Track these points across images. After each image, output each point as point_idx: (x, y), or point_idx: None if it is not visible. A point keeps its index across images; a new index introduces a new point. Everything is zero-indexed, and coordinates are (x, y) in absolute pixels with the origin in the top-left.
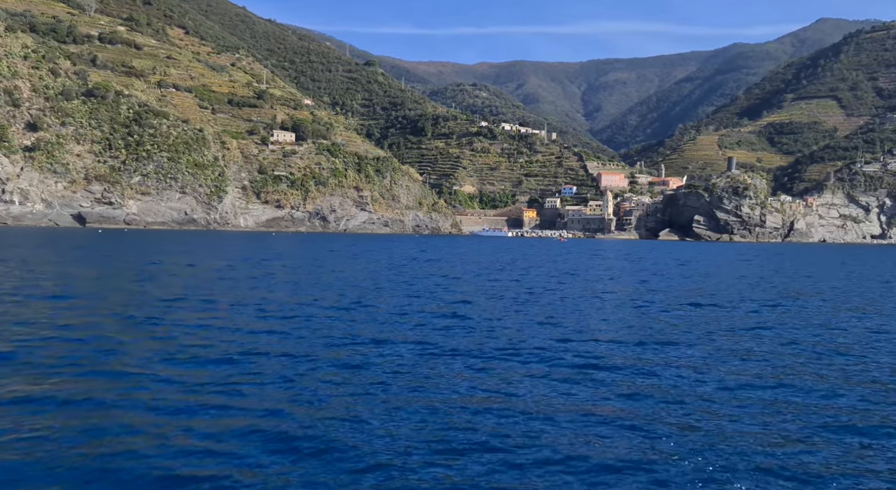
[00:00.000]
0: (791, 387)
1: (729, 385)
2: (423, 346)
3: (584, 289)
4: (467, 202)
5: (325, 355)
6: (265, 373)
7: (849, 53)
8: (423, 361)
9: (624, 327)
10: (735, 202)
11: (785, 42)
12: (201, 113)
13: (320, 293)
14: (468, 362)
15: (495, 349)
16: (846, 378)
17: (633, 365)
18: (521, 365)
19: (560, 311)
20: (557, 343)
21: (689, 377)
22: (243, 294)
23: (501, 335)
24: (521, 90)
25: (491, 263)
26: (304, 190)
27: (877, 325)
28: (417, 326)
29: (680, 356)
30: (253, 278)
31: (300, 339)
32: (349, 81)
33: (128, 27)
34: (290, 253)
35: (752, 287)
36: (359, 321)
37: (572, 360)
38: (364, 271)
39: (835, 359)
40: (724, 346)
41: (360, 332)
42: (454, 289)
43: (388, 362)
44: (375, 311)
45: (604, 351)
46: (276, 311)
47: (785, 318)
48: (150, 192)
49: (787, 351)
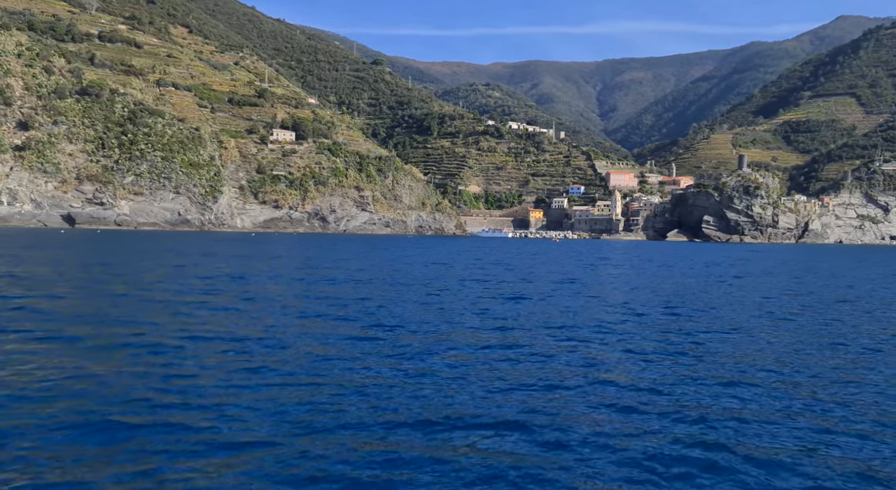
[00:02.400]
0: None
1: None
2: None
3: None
4: (472, 202)
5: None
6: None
7: (868, 50)
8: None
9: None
10: (746, 202)
11: (804, 40)
12: (200, 112)
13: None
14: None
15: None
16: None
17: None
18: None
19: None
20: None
21: None
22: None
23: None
24: (535, 90)
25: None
26: (303, 190)
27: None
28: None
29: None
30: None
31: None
32: (356, 81)
33: (129, 26)
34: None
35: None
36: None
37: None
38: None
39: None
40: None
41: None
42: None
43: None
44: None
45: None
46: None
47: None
48: (142, 193)
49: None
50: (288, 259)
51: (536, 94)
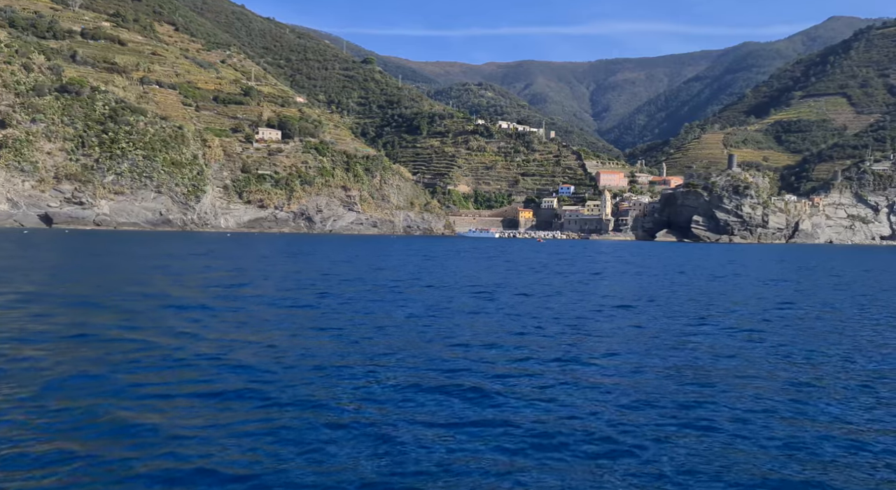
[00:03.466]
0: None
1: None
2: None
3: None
4: (462, 202)
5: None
6: None
7: (859, 50)
8: None
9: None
10: (736, 201)
11: (796, 40)
12: (184, 110)
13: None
14: None
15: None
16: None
17: None
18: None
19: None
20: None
21: None
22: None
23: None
24: (528, 90)
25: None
26: (288, 189)
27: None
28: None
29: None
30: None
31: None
32: (346, 79)
33: (113, 23)
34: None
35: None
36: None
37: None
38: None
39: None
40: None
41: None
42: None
43: None
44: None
45: None
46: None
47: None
48: (123, 192)
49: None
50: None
51: (530, 95)
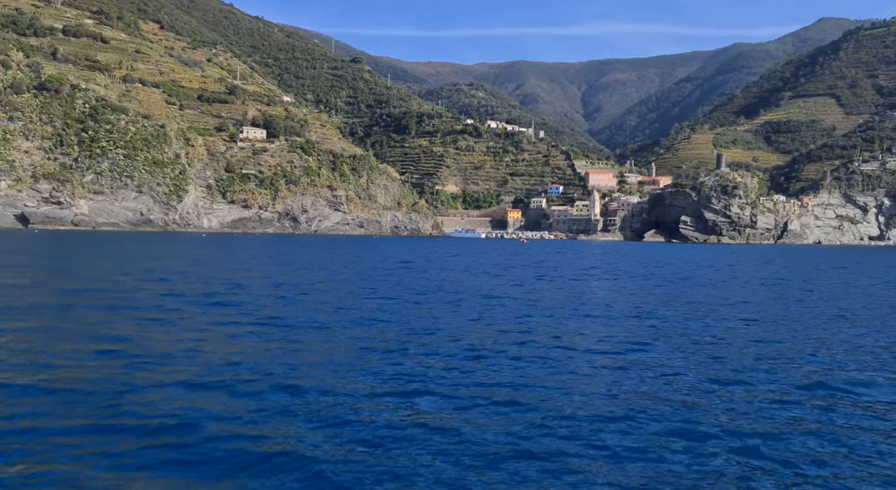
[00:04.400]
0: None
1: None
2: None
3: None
4: (450, 202)
5: None
6: None
7: (848, 51)
8: None
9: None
10: (724, 202)
11: (786, 42)
12: (167, 109)
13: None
14: None
15: None
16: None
17: None
18: None
19: None
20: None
21: None
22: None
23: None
24: (520, 90)
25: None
26: (273, 189)
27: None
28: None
29: None
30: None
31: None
32: (334, 79)
33: (96, 20)
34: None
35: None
36: None
37: None
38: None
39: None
40: None
41: None
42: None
43: None
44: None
45: None
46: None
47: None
48: (103, 191)
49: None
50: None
51: (521, 95)
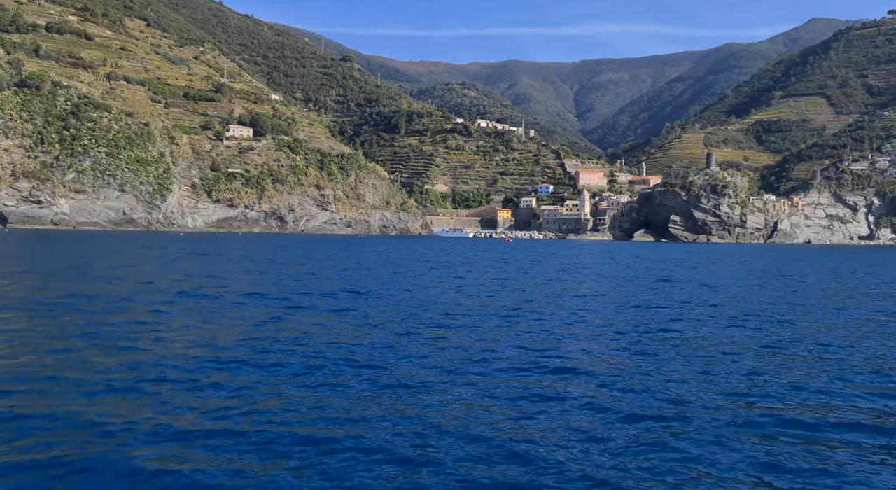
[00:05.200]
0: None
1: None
2: None
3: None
4: (439, 202)
5: None
6: None
7: (838, 50)
8: None
9: None
10: (714, 201)
11: (777, 42)
12: (152, 107)
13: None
14: None
15: None
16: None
17: None
18: None
19: None
20: None
21: None
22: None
23: None
24: (512, 90)
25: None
26: (259, 188)
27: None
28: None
29: None
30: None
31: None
32: (324, 77)
33: (81, 17)
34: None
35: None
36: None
37: None
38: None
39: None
40: None
41: None
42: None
43: None
44: None
45: None
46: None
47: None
48: (84, 190)
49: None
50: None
51: (513, 94)
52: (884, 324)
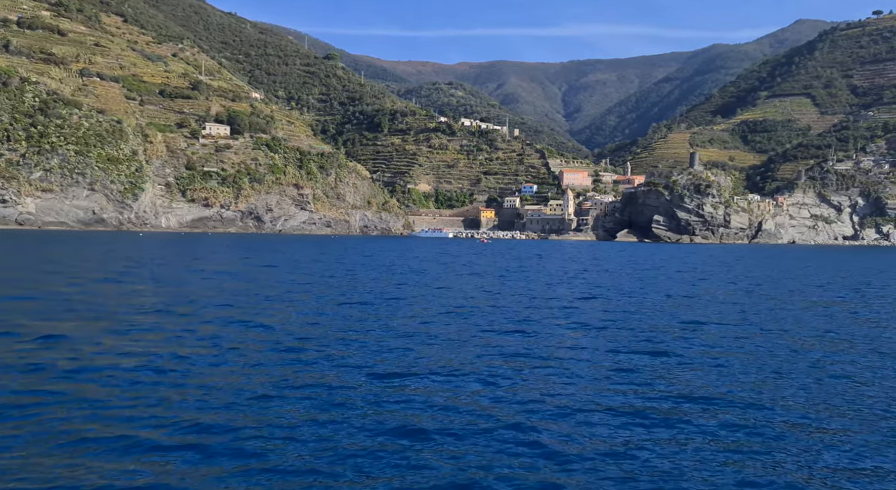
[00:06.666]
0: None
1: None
2: None
3: None
4: (422, 201)
5: None
6: None
7: (823, 51)
8: None
9: None
10: (697, 201)
11: (763, 43)
12: (126, 104)
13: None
14: None
15: None
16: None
17: None
18: None
19: None
20: None
21: None
22: None
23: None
24: (500, 90)
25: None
26: (236, 187)
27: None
28: None
29: None
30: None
31: None
32: (306, 75)
33: (54, 12)
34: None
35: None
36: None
37: None
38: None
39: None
40: None
41: None
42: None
43: None
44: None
45: None
46: None
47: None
48: (52, 189)
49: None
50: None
51: (502, 95)
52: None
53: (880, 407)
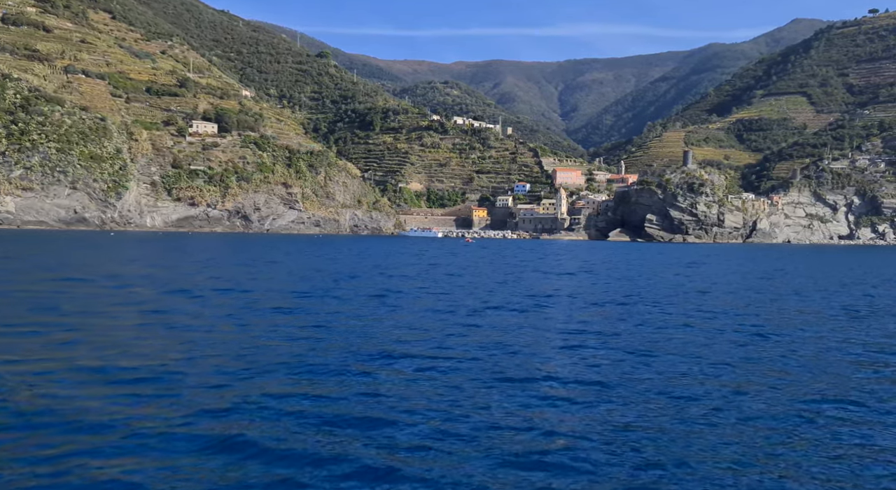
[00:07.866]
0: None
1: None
2: None
3: None
4: (413, 200)
5: None
6: None
7: (819, 49)
8: None
9: None
10: (690, 200)
11: (760, 42)
12: (112, 101)
13: None
14: None
15: None
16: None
17: None
18: None
19: None
20: None
21: None
22: None
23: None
24: (497, 89)
25: None
26: (223, 186)
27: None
28: None
29: None
30: None
31: None
32: (298, 73)
33: (40, 8)
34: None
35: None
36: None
37: None
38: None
39: None
40: None
41: None
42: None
43: None
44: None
45: None
46: None
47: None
48: (32, 188)
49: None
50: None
51: (498, 94)
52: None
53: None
